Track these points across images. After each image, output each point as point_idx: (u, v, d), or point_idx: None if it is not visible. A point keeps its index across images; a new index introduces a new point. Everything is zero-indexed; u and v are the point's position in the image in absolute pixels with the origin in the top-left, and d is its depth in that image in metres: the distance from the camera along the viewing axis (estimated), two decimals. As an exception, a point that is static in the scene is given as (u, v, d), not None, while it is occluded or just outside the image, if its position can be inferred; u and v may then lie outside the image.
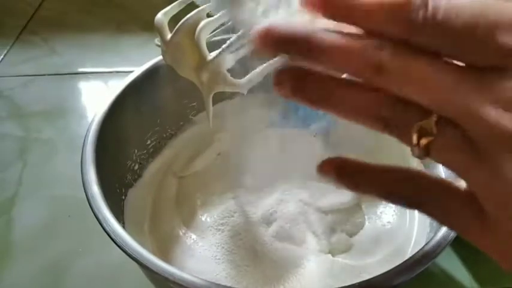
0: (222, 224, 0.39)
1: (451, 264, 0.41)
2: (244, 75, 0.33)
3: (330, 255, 0.37)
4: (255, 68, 0.32)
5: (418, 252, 0.29)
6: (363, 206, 0.42)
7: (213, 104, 0.39)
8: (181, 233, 0.40)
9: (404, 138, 0.17)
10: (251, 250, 0.37)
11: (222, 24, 0.36)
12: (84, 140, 0.37)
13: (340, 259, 0.37)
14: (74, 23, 0.77)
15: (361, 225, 0.40)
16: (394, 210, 0.41)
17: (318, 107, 0.18)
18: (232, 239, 0.37)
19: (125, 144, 0.42)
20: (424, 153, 0.17)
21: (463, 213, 0.17)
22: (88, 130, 0.38)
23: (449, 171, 0.17)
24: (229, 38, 0.30)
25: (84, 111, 0.62)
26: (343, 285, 0.27)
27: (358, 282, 0.28)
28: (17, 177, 0.51)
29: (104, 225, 0.31)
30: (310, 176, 0.40)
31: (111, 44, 0.72)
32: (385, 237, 0.39)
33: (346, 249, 0.38)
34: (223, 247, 0.37)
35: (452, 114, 0.16)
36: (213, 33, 0.36)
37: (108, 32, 0.74)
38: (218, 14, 0.33)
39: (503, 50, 0.15)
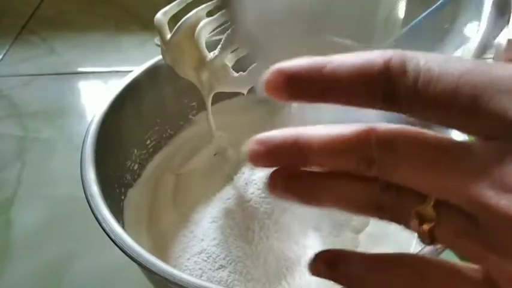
0: (220, 223, 0.38)
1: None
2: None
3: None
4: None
5: (420, 251, 0.29)
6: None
7: (213, 103, 0.39)
8: (178, 231, 0.40)
9: (406, 224, 0.16)
10: (251, 248, 0.37)
11: (222, 24, 0.36)
12: (84, 140, 0.37)
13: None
14: (73, 23, 0.77)
15: (367, 222, 0.40)
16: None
17: (312, 204, 0.18)
18: (231, 237, 0.37)
19: (124, 144, 0.42)
20: (430, 239, 0.15)
21: None
22: (87, 130, 0.37)
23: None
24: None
25: (84, 111, 0.62)
26: (344, 285, 0.27)
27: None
28: (16, 177, 0.51)
29: (104, 225, 0.31)
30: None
31: (111, 44, 0.72)
32: (389, 235, 0.39)
33: (353, 248, 0.38)
34: (222, 245, 0.37)
35: (450, 198, 0.15)
36: (213, 33, 0.36)
37: (107, 32, 0.74)
38: (218, 14, 0.33)
39: (492, 118, 0.13)
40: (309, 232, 0.38)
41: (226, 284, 0.34)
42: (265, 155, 0.17)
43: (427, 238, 0.15)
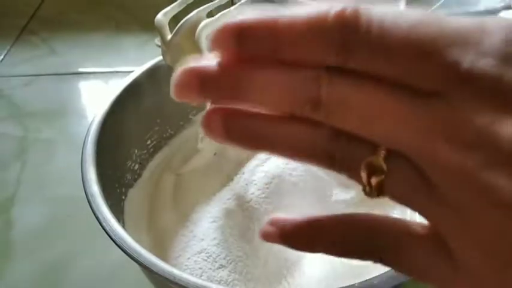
0: (220, 223, 0.38)
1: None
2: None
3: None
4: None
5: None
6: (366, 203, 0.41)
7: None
8: (179, 231, 0.40)
9: (354, 176, 0.15)
10: (251, 247, 0.37)
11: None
12: (84, 140, 0.37)
13: (342, 258, 0.37)
14: (74, 23, 0.77)
15: None
16: (396, 209, 0.41)
17: (254, 148, 0.16)
18: (231, 236, 0.37)
19: (125, 144, 0.42)
20: (377, 192, 0.15)
21: (430, 257, 0.15)
22: (88, 130, 0.38)
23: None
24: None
25: (84, 111, 0.62)
26: (343, 285, 0.27)
27: (358, 282, 0.28)
28: (17, 177, 0.51)
29: (104, 225, 0.31)
30: (314, 173, 0.40)
31: (111, 44, 0.72)
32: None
33: None
34: (222, 245, 0.37)
35: (401, 149, 0.14)
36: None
37: (108, 32, 0.74)
38: (219, 14, 0.33)
39: (445, 70, 0.13)
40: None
41: (227, 284, 0.34)
42: (198, 86, 0.15)
43: (374, 190, 0.15)
